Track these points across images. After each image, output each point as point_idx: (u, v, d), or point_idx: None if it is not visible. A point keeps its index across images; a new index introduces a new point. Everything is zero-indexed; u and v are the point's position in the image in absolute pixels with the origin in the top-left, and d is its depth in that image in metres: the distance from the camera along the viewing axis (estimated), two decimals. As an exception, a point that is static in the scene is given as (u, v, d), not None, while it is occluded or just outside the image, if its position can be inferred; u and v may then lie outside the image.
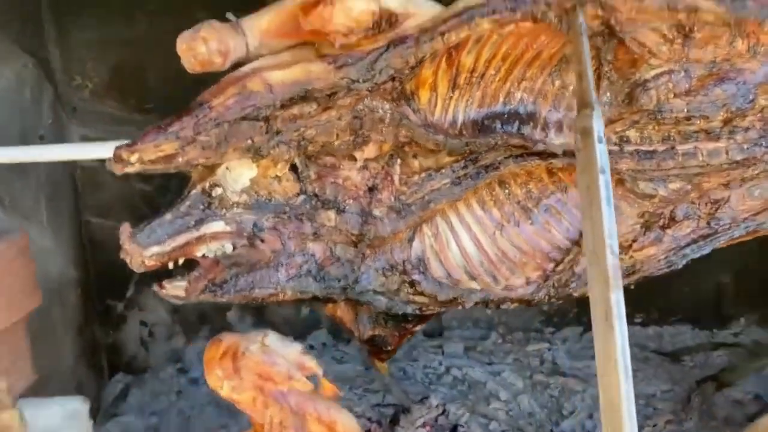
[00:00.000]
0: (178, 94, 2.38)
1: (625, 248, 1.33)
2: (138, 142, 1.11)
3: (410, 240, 1.29)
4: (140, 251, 1.18)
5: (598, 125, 1.10)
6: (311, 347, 2.47)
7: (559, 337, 2.43)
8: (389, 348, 1.36)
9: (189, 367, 2.44)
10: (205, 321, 2.51)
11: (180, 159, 1.13)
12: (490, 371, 2.24)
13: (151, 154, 1.12)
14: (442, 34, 1.14)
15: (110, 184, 2.39)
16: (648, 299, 2.41)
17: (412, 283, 1.28)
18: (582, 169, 1.11)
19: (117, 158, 1.12)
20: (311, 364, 1.11)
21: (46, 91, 2.16)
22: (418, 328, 1.37)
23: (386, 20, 1.13)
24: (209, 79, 2.32)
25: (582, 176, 1.11)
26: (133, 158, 1.11)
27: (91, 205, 2.37)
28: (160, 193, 2.45)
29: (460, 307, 1.30)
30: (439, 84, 1.22)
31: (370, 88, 1.16)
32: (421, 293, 1.28)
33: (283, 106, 1.15)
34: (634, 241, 1.32)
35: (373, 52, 1.15)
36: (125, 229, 1.19)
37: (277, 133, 1.17)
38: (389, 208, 1.26)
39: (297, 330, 2.52)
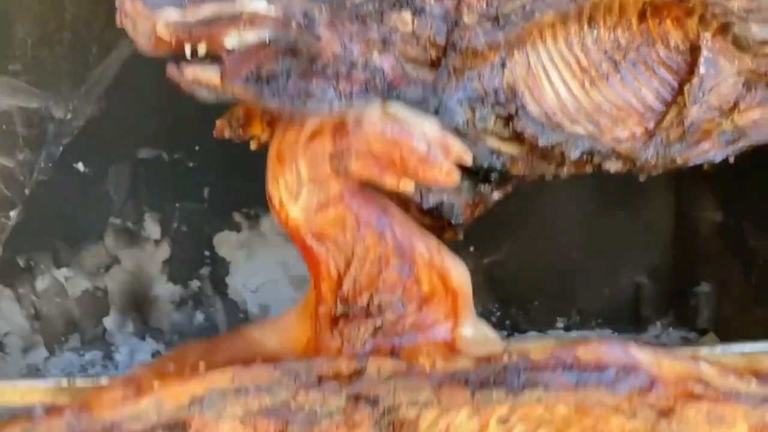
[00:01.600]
0: (51, 55, 1.88)
1: (726, 111, 1.02)
2: None
3: (502, 65, 0.90)
4: (149, 14, 0.70)
5: None
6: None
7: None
8: (459, 221, 0.93)
9: (52, 385, 1.80)
10: (74, 329, 1.91)
11: None
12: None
13: None
14: None
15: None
16: (568, 303, 2.14)
17: (508, 120, 0.89)
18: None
19: None
20: (458, 147, 0.67)
21: None
22: (496, 196, 0.96)
23: None
24: (91, 46, 1.86)
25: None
26: None
27: (-67, 181, 1.77)
28: (25, 170, 1.88)
29: (557, 163, 0.92)
30: None
31: None
32: (517, 137, 0.89)
33: None
34: (737, 102, 1.02)
35: None
36: (126, -21, 0.71)
37: None
38: (481, 15, 0.88)
39: (190, 340, 1.96)
